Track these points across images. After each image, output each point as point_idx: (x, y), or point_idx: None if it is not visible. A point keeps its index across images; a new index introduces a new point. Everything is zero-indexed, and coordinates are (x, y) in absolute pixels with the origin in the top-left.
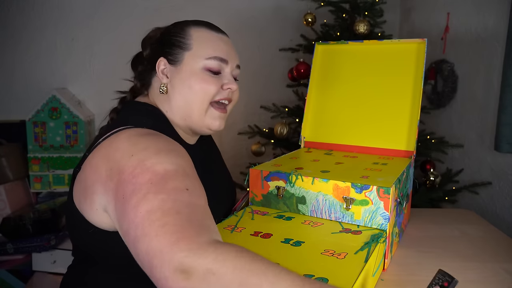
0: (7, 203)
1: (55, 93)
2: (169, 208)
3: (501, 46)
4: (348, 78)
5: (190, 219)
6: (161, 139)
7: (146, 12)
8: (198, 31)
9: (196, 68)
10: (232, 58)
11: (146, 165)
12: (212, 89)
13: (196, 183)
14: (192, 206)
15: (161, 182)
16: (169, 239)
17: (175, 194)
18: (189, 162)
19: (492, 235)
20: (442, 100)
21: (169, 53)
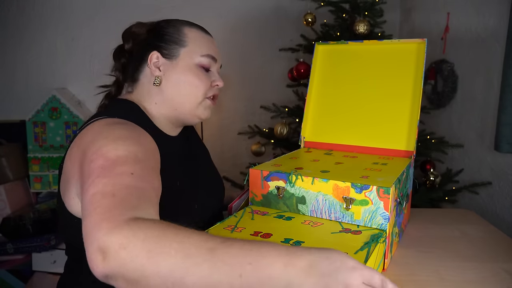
0: (7, 203)
1: (55, 93)
2: (107, 192)
3: (501, 46)
4: (348, 78)
5: (123, 201)
6: (126, 126)
7: (146, 12)
8: (191, 31)
9: (192, 64)
10: (219, 58)
11: (102, 151)
12: (205, 86)
13: (146, 168)
14: (130, 189)
15: (110, 167)
16: (95, 220)
17: (117, 178)
18: (148, 149)
19: (492, 235)
20: (442, 100)
21: (163, 47)
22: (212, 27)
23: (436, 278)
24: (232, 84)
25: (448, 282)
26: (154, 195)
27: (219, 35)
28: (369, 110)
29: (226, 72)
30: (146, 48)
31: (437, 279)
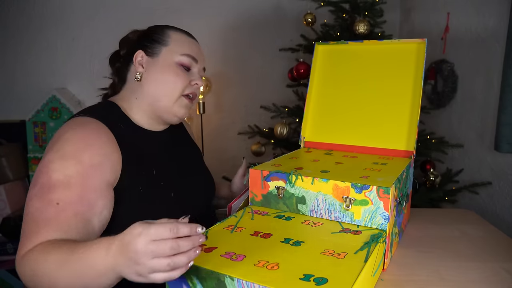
0: (7, 203)
1: (55, 93)
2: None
3: (501, 46)
4: (348, 78)
5: (37, 231)
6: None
7: (146, 12)
8: (175, 33)
9: (171, 61)
10: (201, 60)
11: (48, 169)
12: (184, 82)
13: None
14: (46, 221)
15: (45, 191)
16: (20, 241)
17: (46, 206)
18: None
19: (492, 235)
20: (442, 100)
21: (147, 46)
22: (212, 27)
23: (436, 278)
24: (232, 84)
25: (448, 282)
26: (73, 222)
27: (219, 35)
28: (369, 110)
29: (226, 72)
30: (134, 49)
31: (437, 279)
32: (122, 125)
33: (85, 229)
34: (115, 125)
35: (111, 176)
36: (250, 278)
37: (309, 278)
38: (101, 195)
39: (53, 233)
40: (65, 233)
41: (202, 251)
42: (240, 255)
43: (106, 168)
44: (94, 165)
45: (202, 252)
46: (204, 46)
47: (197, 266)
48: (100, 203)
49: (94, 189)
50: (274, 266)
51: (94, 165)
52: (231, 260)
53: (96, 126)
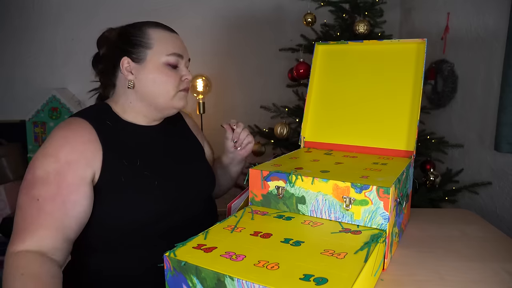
0: (7, 203)
1: (55, 93)
2: (23, 212)
3: (501, 46)
4: (348, 78)
5: (25, 227)
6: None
7: (146, 12)
8: (155, 31)
9: (159, 64)
10: (185, 53)
11: (34, 165)
12: (175, 81)
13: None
14: (32, 217)
15: (30, 186)
16: (11, 237)
17: (30, 202)
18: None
19: (492, 235)
20: (442, 100)
21: (131, 52)
22: (212, 27)
23: (436, 278)
24: (232, 84)
25: (448, 282)
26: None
27: (219, 35)
28: (369, 110)
29: (226, 72)
30: (117, 54)
31: (437, 279)
32: (111, 122)
33: (61, 224)
34: (102, 123)
35: (86, 171)
36: (250, 278)
37: (309, 278)
38: (73, 190)
39: (36, 233)
40: (45, 232)
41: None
42: (240, 255)
43: (81, 164)
44: (69, 162)
45: (202, 252)
46: (204, 46)
47: (197, 266)
48: (72, 199)
49: (67, 185)
50: (274, 266)
51: (69, 162)
52: (231, 260)
53: (79, 125)
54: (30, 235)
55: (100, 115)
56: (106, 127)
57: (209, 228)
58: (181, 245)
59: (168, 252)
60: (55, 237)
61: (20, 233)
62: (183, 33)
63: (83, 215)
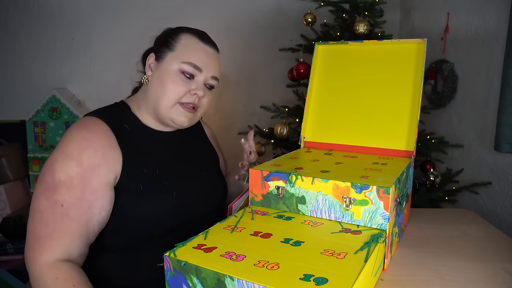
0: (7, 203)
1: (55, 93)
2: (44, 217)
3: (501, 46)
4: (348, 78)
5: (47, 235)
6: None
7: (146, 11)
8: (187, 38)
9: (172, 68)
10: (208, 69)
11: (53, 167)
12: (180, 91)
13: (76, 195)
14: (56, 223)
15: (51, 190)
16: (30, 242)
17: (53, 207)
18: (90, 165)
19: (492, 235)
20: (442, 100)
21: (158, 50)
22: (212, 27)
23: (436, 278)
24: (232, 84)
25: (448, 282)
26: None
27: (219, 35)
28: (369, 110)
29: (226, 72)
30: (150, 50)
31: (437, 279)
32: (129, 125)
33: (86, 229)
34: (120, 126)
35: (109, 176)
36: (250, 278)
37: (309, 278)
38: (99, 196)
39: (62, 241)
40: (71, 240)
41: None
42: (240, 255)
43: (104, 169)
44: (92, 166)
45: (202, 252)
46: None
47: (197, 266)
48: (98, 204)
49: (93, 191)
50: (274, 266)
51: (92, 166)
52: (231, 260)
53: (98, 127)
54: (57, 243)
55: (118, 117)
56: (124, 131)
57: (209, 228)
58: (181, 245)
59: (168, 252)
60: (81, 244)
61: (45, 241)
62: None
63: (106, 220)
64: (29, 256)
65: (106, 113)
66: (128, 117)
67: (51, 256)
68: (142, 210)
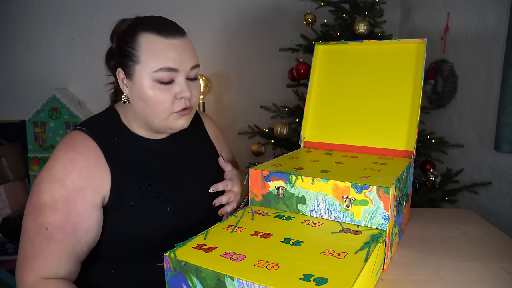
0: (7, 203)
1: (55, 93)
2: (31, 238)
3: (501, 46)
4: (348, 78)
5: (35, 256)
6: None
7: (146, 12)
8: (146, 39)
9: (147, 82)
10: (184, 63)
11: (39, 189)
12: (166, 102)
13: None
14: (41, 245)
15: (37, 212)
16: (19, 261)
17: (38, 229)
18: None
19: (492, 235)
20: (442, 100)
21: (124, 64)
22: (212, 27)
23: (436, 278)
24: (232, 84)
25: (448, 282)
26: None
27: (219, 34)
28: (369, 110)
29: (226, 72)
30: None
31: (437, 279)
32: (119, 138)
33: (73, 250)
34: (110, 140)
35: (95, 198)
36: (250, 278)
37: (309, 278)
38: (84, 218)
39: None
40: (57, 261)
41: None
42: (240, 255)
43: (89, 191)
44: (77, 189)
45: (202, 252)
46: (204, 46)
47: (197, 266)
48: (84, 227)
49: (77, 213)
50: (274, 266)
51: (77, 189)
52: (231, 260)
53: (85, 146)
54: (43, 264)
55: (108, 129)
56: (114, 145)
57: (209, 228)
58: (181, 245)
59: (168, 252)
60: (69, 263)
61: (31, 262)
62: None
63: (94, 240)
64: (17, 275)
65: (95, 126)
66: (118, 128)
67: (37, 275)
68: (134, 226)
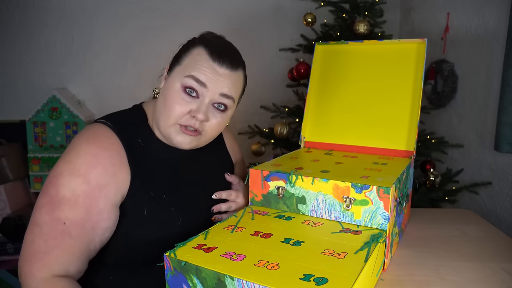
0: (7, 203)
1: (55, 93)
2: (44, 232)
3: (501, 46)
4: (348, 78)
5: (47, 251)
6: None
7: (146, 11)
8: (198, 51)
9: (176, 84)
10: (216, 85)
11: (58, 181)
12: (178, 111)
13: (80, 215)
14: (56, 240)
15: (54, 205)
16: (27, 255)
17: (54, 223)
18: (97, 185)
19: (492, 235)
20: (442, 100)
21: (172, 62)
22: (212, 27)
23: (436, 278)
24: None
25: (448, 282)
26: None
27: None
28: (369, 110)
29: None
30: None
31: (437, 279)
32: (142, 141)
33: (87, 248)
34: (133, 141)
35: (116, 197)
36: (250, 278)
37: (309, 278)
38: (105, 217)
39: (60, 259)
40: (70, 259)
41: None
42: (240, 255)
43: (112, 189)
44: (100, 186)
45: (202, 252)
46: None
47: (197, 266)
48: (103, 226)
49: (98, 211)
50: (274, 266)
51: (100, 186)
52: (231, 260)
53: (110, 142)
54: (56, 260)
55: (133, 129)
56: (136, 146)
57: (209, 228)
58: (181, 245)
59: (168, 252)
60: (81, 261)
61: (43, 257)
62: (184, 33)
63: (107, 240)
64: (24, 269)
65: (121, 123)
66: (143, 130)
67: (48, 272)
68: (143, 233)
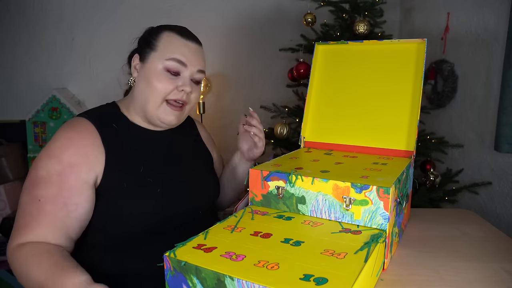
0: (7, 203)
1: (55, 93)
2: (23, 211)
3: (501, 46)
4: (348, 78)
5: (25, 225)
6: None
7: (146, 12)
8: (168, 35)
9: (157, 68)
10: (193, 63)
11: (37, 164)
12: (166, 88)
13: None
14: (32, 216)
15: (33, 185)
16: (12, 231)
17: (32, 201)
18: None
19: (492, 235)
20: (442, 100)
21: (142, 50)
22: (212, 27)
23: (436, 278)
24: (232, 84)
25: (448, 282)
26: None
27: (219, 35)
28: (369, 110)
29: (226, 72)
30: (133, 52)
31: (437, 279)
32: (117, 124)
33: (63, 224)
34: (108, 126)
35: (88, 175)
36: (250, 278)
37: (309, 278)
38: (75, 193)
39: (36, 230)
40: (46, 230)
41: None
42: (240, 255)
43: (83, 168)
44: (72, 165)
45: (202, 252)
46: (204, 46)
47: (197, 266)
48: (74, 201)
49: (69, 187)
50: (274, 266)
51: (72, 165)
52: (231, 260)
53: (83, 127)
54: (31, 230)
55: (106, 116)
56: (112, 130)
57: (209, 228)
58: (181, 245)
59: (168, 252)
60: (57, 235)
61: (20, 229)
62: None
63: (84, 217)
64: (8, 246)
65: (94, 113)
66: (117, 117)
67: (23, 239)
68: (125, 207)
